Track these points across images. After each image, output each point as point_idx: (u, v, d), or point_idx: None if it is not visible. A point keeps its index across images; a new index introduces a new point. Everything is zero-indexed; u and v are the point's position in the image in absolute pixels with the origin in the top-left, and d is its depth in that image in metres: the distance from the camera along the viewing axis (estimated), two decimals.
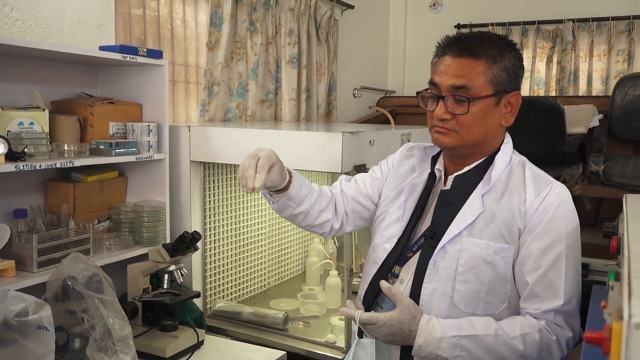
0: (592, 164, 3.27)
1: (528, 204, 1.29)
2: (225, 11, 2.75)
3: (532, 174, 1.36)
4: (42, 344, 1.40)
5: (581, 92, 4.19)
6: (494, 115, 1.33)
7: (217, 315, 2.44)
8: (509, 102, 1.34)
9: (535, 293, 1.27)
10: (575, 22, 4.18)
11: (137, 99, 2.19)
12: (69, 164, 1.79)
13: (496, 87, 1.30)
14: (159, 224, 2.15)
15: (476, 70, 1.29)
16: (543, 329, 1.25)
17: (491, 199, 1.32)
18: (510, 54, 1.33)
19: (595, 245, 3.32)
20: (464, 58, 1.29)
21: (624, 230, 0.90)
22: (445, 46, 1.34)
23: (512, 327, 1.26)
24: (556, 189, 1.31)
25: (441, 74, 1.32)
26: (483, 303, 1.30)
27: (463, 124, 1.30)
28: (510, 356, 1.25)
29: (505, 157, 1.37)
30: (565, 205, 1.30)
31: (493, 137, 1.37)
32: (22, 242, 1.75)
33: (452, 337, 1.24)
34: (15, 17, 1.89)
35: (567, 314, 1.27)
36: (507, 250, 1.28)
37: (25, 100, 1.89)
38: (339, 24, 3.75)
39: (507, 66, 1.32)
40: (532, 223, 1.28)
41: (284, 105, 3.23)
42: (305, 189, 1.52)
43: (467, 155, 1.38)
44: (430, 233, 1.36)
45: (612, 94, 3.51)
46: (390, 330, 1.26)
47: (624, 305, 0.56)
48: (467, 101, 1.28)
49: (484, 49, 1.30)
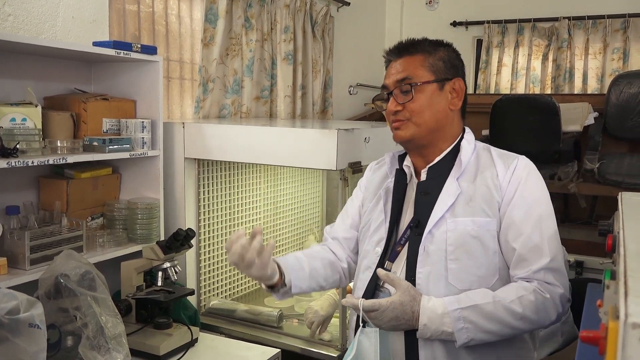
0: (587, 162, 3.27)
1: (501, 178, 1.40)
2: (220, 7, 2.74)
3: (498, 153, 1.46)
4: (34, 342, 1.38)
5: (576, 90, 4.20)
6: (441, 100, 1.44)
7: (212, 313, 2.43)
8: (453, 88, 1.46)
9: (523, 257, 1.35)
10: (571, 20, 4.19)
11: (131, 95, 2.17)
12: (62, 160, 1.78)
13: (435, 74, 1.44)
14: (153, 221, 2.14)
15: (415, 63, 1.44)
16: (537, 290, 1.32)
17: (465, 181, 1.42)
18: (444, 48, 1.48)
19: (590, 243, 3.34)
20: (403, 57, 1.46)
21: (619, 229, 0.90)
22: (388, 54, 1.51)
23: (507, 292, 1.32)
24: (523, 162, 1.42)
25: (388, 76, 1.48)
26: (476, 278, 1.36)
27: (413, 110, 1.42)
28: (511, 320, 1.30)
29: (470, 144, 1.47)
30: (533, 174, 1.42)
31: (445, 122, 1.46)
32: (15, 239, 1.74)
33: (454, 310, 1.29)
34: (8, 12, 1.87)
35: (555, 270, 1.34)
36: (490, 224, 1.37)
37: (18, 96, 1.88)
38: (334, 21, 3.74)
39: (442, 57, 1.46)
40: (507, 194, 1.38)
41: (280, 102, 3.22)
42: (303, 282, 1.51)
43: (427, 144, 1.46)
44: (415, 222, 1.42)
45: (608, 92, 3.52)
46: (394, 314, 1.29)
47: (620, 304, 0.56)
48: (411, 89, 1.42)
49: (419, 46, 1.46)
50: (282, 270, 1.44)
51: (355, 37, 4.20)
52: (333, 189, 3.21)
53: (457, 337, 1.29)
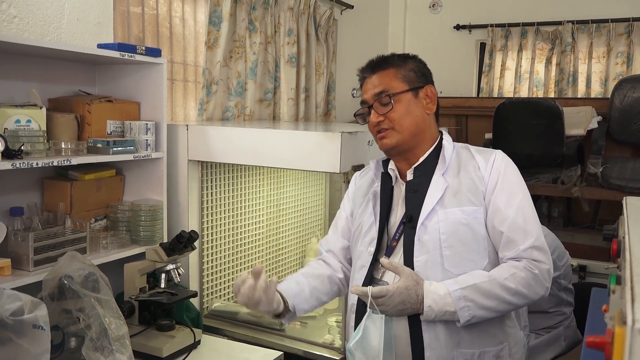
0: (591, 166, 3.26)
1: (482, 170, 1.52)
2: (224, 10, 2.74)
3: (475, 149, 1.59)
4: (38, 344, 1.39)
5: (580, 94, 4.19)
6: (417, 107, 1.56)
7: (214, 315, 2.43)
8: (427, 95, 1.58)
9: (511, 239, 1.46)
10: (574, 24, 4.18)
11: (135, 97, 2.18)
12: (66, 162, 1.78)
13: (409, 83, 1.56)
14: (156, 223, 2.14)
15: (389, 76, 1.56)
16: (526, 267, 1.43)
17: (450, 176, 1.54)
18: (412, 59, 1.61)
19: (593, 247, 3.33)
20: (377, 72, 1.58)
21: (624, 233, 0.90)
22: (362, 72, 1.63)
23: (500, 271, 1.44)
24: (500, 155, 1.56)
25: (366, 91, 1.59)
26: (470, 262, 1.47)
27: (394, 119, 1.53)
28: (506, 295, 1.41)
29: (449, 144, 1.60)
30: (510, 165, 1.55)
31: (424, 126, 1.57)
32: (19, 240, 1.74)
33: (455, 290, 1.40)
34: (13, 14, 1.88)
35: (539, 248, 1.46)
36: (477, 212, 1.49)
37: (23, 97, 1.88)
38: (338, 24, 3.75)
39: (412, 68, 1.58)
40: (490, 184, 1.51)
41: (283, 104, 3.22)
42: (306, 303, 1.60)
43: (411, 148, 1.57)
44: (407, 217, 1.52)
45: (611, 96, 3.51)
46: (401, 298, 1.38)
47: (627, 309, 0.55)
48: (390, 100, 1.53)
49: (390, 60, 1.59)
50: (284, 298, 1.54)
51: (358, 40, 4.20)
52: (336, 192, 3.21)
53: (459, 315, 1.40)
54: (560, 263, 2.16)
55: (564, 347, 2.19)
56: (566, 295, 2.20)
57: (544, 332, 2.17)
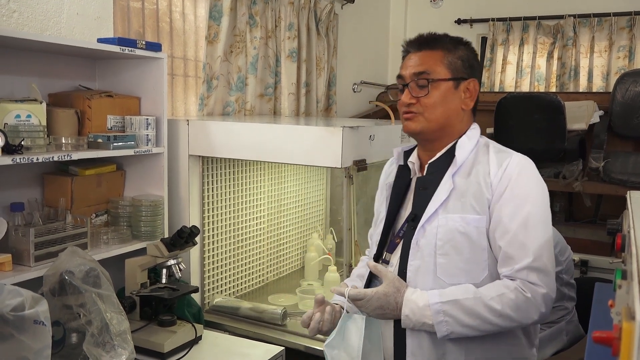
0: (592, 161, 3.25)
1: (492, 175, 1.41)
2: (224, 4, 2.73)
3: (495, 149, 1.47)
4: (39, 339, 1.38)
5: (582, 88, 4.17)
6: (454, 99, 1.47)
7: (216, 311, 2.43)
8: (467, 88, 1.48)
9: (509, 255, 1.36)
10: (576, 18, 4.16)
11: (136, 92, 2.17)
12: (67, 157, 1.78)
13: (453, 72, 1.46)
14: (157, 218, 2.13)
15: (434, 58, 1.45)
16: (518, 288, 1.34)
17: (460, 177, 1.44)
18: (464, 47, 1.50)
19: (595, 242, 3.32)
20: (423, 51, 1.47)
21: (629, 227, 0.89)
22: (407, 46, 1.52)
23: (489, 289, 1.36)
24: (516, 159, 1.42)
25: (405, 67, 1.49)
26: (465, 273, 1.39)
27: (426, 105, 1.44)
28: (490, 316, 1.34)
29: (470, 141, 1.48)
30: (526, 172, 1.42)
31: (456, 120, 1.48)
32: (19, 235, 1.74)
33: (435, 303, 1.34)
34: (13, 8, 1.87)
35: (539, 271, 1.35)
36: (479, 221, 1.39)
37: (23, 92, 1.87)
38: (339, 18, 3.73)
39: (461, 56, 1.48)
40: (497, 192, 1.39)
41: (284, 99, 3.21)
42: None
43: (435, 139, 1.49)
44: (412, 216, 1.47)
45: (613, 90, 3.50)
46: (379, 303, 1.36)
47: (635, 304, 0.55)
48: (427, 84, 1.44)
49: (440, 42, 1.48)
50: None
51: (359, 34, 4.18)
52: (337, 187, 3.21)
53: (437, 329, 1.35)
54: (562, 258, 2.15)
55: (566, 342, 2.19)
56: (568, 290, 2.19)
57: (546, 327, 2.17)
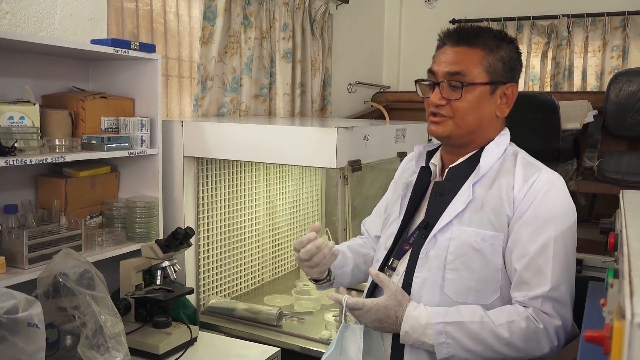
0: (587, 160, 3.27)
1: (516, 190, 1.28)
2: (219, 5, 2.73)
3: (523, 162, 1.35)
4: (33, 342, 1.38)
5: (576, 87, 4.19)
6: (489, 105, 1.33)
7: (211, 312, 2.42)
8: (505, 94, 1.35)
9: (524, 280, 1.25)
10: (570, 18, 4.18)
11: (130, 93, 2.16)
12: (60, 159, 1.77)
13: (491, 76, 1.31)
14: (152, 219, 2.13)
15: (472, 58, 1.30)
16: (530, 317, 1.24)
17: (481, 187, 1.32)
18: (508, 46, 1.35)
19: (589, 241, 3.33)
20: (461, 47, 1.32)
21: (622, 227, 0.89)
22: (444, 36, 1.36)
23: (498, 315, 1.25)
24: (545, 175, 1.30)
25: (439, 63, 1.34)
26: (474, 292, 1.28)
27: (457, 110, 1.31)
28: (496, 344, 1.23)
29: (498, 148, 1.36)
30: (554, 191, 1.29)
31: (488, 127, 1.36)
32: (13, 238, 1.73)
33: (437, 323, 1.24)
34: (5, 9, 1.86)
35: (555, 301, 1.25)
36: (495, 238, 1.27)
37: (16, 94, 1.87)
38: (333, 19, 3.73)
39: (503, 57, 1.33)
40: (520, 209, 1.27)
41: (278, 100, 3.21)
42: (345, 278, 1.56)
43: (462, 144, 1.37)
44: (424, 224, 1.37)
45: (607, 89, 3.51)
46: (377, 315, 1.27)
47: (625, 304, 0.55)
48: (461, 87, 1.29)
49: (481, 39, 1.32)
50: (330, 267, 1.48)
51: (354, 35, 4.19)
52: (332, 187, 3.21)
53: (437, 350, 1.25)
54: None
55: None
56: None
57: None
